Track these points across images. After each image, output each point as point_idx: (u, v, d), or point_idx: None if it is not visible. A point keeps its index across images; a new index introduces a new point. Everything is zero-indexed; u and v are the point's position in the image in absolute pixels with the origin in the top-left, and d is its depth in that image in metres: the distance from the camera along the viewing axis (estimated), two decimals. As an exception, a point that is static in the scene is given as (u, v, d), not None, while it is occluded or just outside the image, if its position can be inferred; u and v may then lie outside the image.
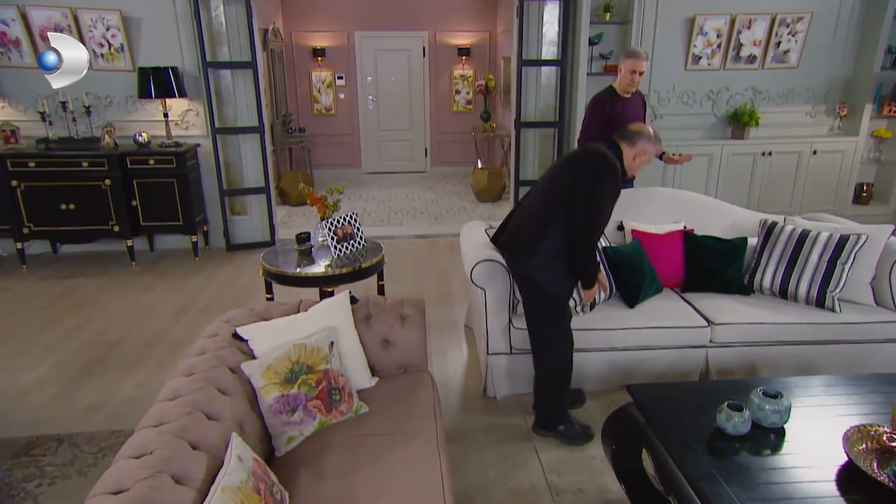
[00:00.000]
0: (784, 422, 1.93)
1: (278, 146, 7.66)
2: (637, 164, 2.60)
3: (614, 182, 2.47)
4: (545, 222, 2.53)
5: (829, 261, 3.07)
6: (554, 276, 2.55)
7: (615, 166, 2.48)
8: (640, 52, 3.74)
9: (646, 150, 2.57)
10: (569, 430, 2.71)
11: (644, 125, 2.68)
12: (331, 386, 2.11)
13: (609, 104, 3.81)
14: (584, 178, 2.45)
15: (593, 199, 2.43)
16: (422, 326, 2.53)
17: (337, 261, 3.00)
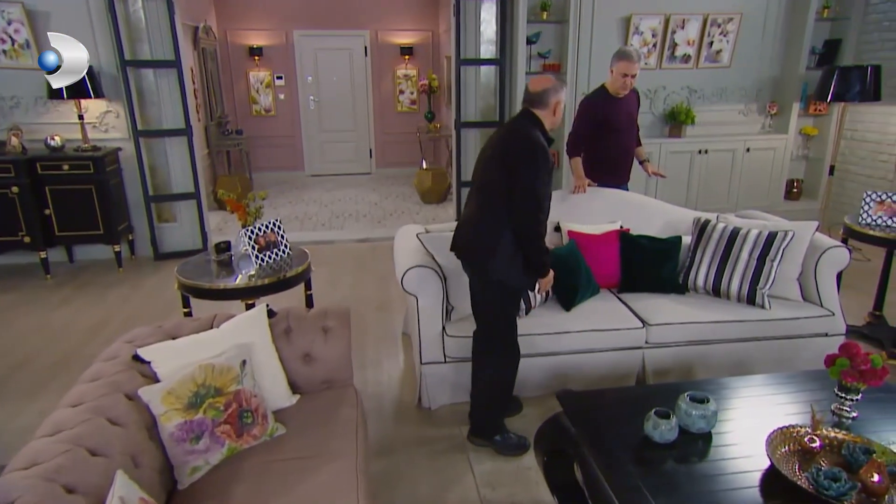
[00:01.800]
0: (711, 427, 1.89)
1: (214, 149, 7.34)
2: (558, 118, 2.45)
3: (545, 161, 2.34)
4: (495, 226, 2.41)
5: (759, 258, 3.10)
6: (519, 274, 2.46)
7: (542, 144, 2.34)
8: (631, 55, 3.50)
9: (560, 99, 2.40)
10: (505, 441, 2.63)
11: (544, 78, 2.44)
12: (242, 408, 1.95)
13: (601, 106, 3.64)
14: (517, 170, 2.33)
15: (531, 189, 2.33)
16: (346, 338, 2.40)
17: (259, 271, 2.83)
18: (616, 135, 3.72)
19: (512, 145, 2.39)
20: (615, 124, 3.68)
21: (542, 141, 2.35)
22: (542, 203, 2.37)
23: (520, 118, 2.46)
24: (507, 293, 2.53)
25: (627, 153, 3.87)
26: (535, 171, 2.31)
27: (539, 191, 2.33)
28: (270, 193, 8.01)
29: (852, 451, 1.70)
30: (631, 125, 3.80)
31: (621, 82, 3.55)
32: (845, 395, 1.97)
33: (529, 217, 2.36)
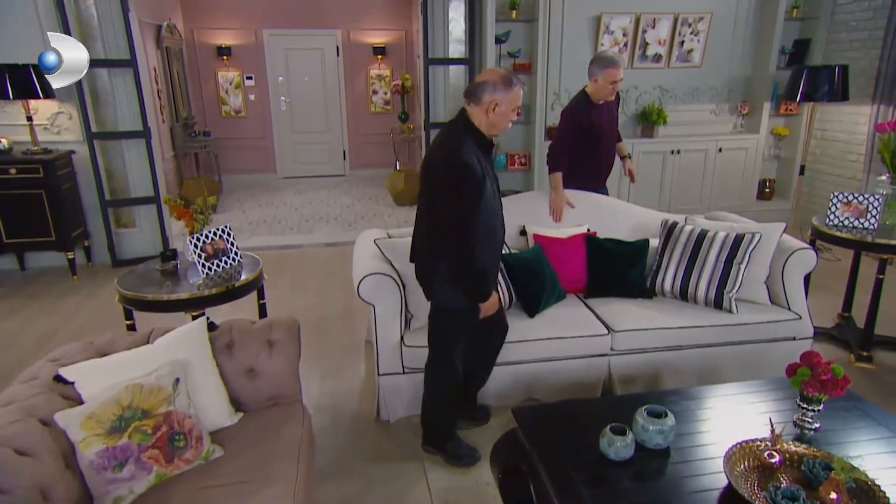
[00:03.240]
0: (669, 442, 1.81)
1: (180, 151, 7.15)
2: (495, 119, 2.11)
3: (472, 183, 2.06)
4: (431, 250, 2.27)
5: (726, 261, 3.04)
6: (459, 298, 2.30)
7: (465, 163, 2.04)
8: (617, 60, 3.37)
9: (497, 100, 2.06)
10: (454, 450, 2.54)
11: (493, 70, 2.16)
12: (173, 431, 1.82)
13: (586, 115, 3.48)
14: (439, 199, 2.13)
15: (455, 218, 2.11)
16: (294, 352, 2.27)
17: (206, 280, 2.69)
18: (600, 140, 3.61)
19: (433, 166, 2.17)
20: (599, 130, 3.56)
21: (465, 158, 2.04)
22: (473, 227, 2.11)
23: (453, 121, 2.23)
24: (448, 317, 2.37)
25: (610, 157, 3.78)
26: (457, 198, 2.07)
27: (465, 218, 2.10)
28: (241, 196, 7.84)
29: (812, 467, 1.63)
30: (613, 128, 3.73)
31: (609, 89, 3.42)
32: (807, 405, 1.90)
33: (458, 247, 2.13)
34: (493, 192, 2.21)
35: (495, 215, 2.26)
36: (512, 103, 2.11)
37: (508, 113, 2.13)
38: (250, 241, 5.83)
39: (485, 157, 2.18)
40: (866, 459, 1.77)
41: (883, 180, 3.39)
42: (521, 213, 3.43)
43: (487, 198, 2.15)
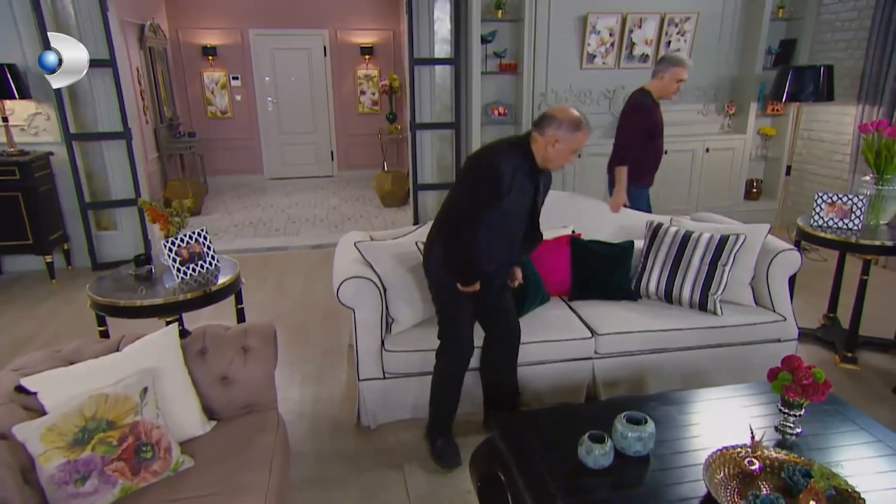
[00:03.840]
0: (648, 449, 1.77)
1: (164, 153, 7.06)
2: (552, 156, 2.19)
3: (491, 185, 2.17)
4: (438, 230, 2.44)
5: (710, 263, 3.01)
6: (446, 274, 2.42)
7: (495, 167, 2.17)
8: (685, 60, 3.54)
9: (558, 139, 2.14)
10: (441, 449, 2.53)
11: (571, 111, 2.20)
12: (140, 442, 1.77)
13: (654, 111, 3.64)
14: (459, 182, 2.39)
15: (461, 203, 2.30)
16: (269, 358, 2.22)
17: (181, 285, 2.63)
18: (660, 138, 3.76)
19: (470, 159, 2.39)
20: (660, 128, 3.73)
21: (498, 166, 2.17)
22: (475, 226, 2.24)
23: (516, 136, 2.37)
24: (441, 289, 2.49)
25: (660, 157, 3.93)
26: (473, 195, 2.23)
27: (472, 214, 2.24)
28: (227, 198, 7.76)
29: (792, 474, 1.60)
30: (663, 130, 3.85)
31: (675, 87, 3.58)
32: (788, 410, 1.87)
33: (452, 225, 2.33)
34: (514, 209, 2.30)
35: (506, 230, 2.36)
36: (572, 145, 2.20)
37: (567, 154, 2.22)
38: (235, 243, 5.76)
39: (527, 177, 2.28)
40: (848, 465, 1.74)
41: (867, 181, 3.38)
42: (505, 215, 3.39)
43: (505, 211, 2.25)
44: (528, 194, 2.32)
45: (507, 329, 2.63)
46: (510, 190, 2.20)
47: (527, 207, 2.37)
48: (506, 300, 2.64)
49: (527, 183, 2.29)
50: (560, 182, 5.55)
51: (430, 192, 5.57)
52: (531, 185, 2.33)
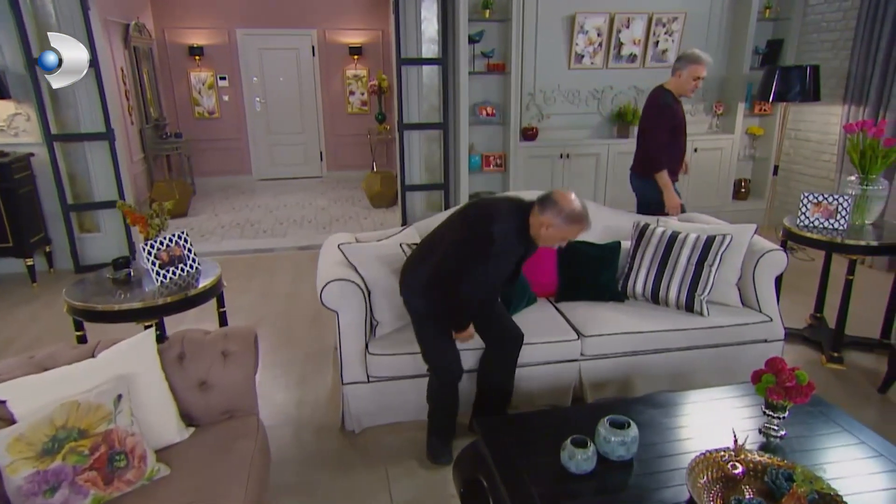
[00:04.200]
0: (632, 454, 1.75)
1: (150, 154, 6.98)
2: (544, 236, 2.25)
3: (483, 244, 2.21)
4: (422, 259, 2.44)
5: (697, 263, 3.00)
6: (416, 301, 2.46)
7: (493, 229, 2.21)
8: (702, 58, 3.53)
9: (552, 224, 2.19)
10: (434, 446, 2.55)
11: (575, 203, 2.22)
12: (113, 451, 1.73)
13: (676, 109, 3.65)
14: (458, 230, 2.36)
15: (456, 256, 2.28)
16: (250, 363, 2.18)
17: (161, 289, 2.59)
18: (683, 135, 3.77)
19: (469, 210, 2.42)
20: (683, 125, 3.73)
21: (496, 229, 2.21)
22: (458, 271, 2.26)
23: (521, 203, 2.33)
24: (423, 324, 2.50)
25: (683, 152, 3.93)
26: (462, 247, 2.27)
27: (457, 268, 2.26)
28: (214, 199, 7.69)
29: (775, 478, 1.58)
30: (685, 126, 3.85)
31: (692, 85, 3.57)
32: (772, 412, 1.86)
33: (440, 280, 2.31)
34: (501, 267, 2.35)
35: (488, 287, 2.41)
36: (564, 235, 2.25)
37: (557, 239, 2.27)
38: (222, 244, 5.71)
39: (519, 242, 2.31)
40: (831, 468, 1.73)
41: (852, 181, 3.38)
42: (491, 216, 3.37)
43: (493, 268, 2.31)
44: (515, 257, 2.37)
45: (509, 335, 2.61)
46: (500, 254, 2.27)
47: (512, 266, 2.43)
48: (497, 308, 2.65)
49: (518, 247, 2.33)
50: (549, 181, 5.54)
51: (419, 193, 5.54)
52: (522, 249, 2.36)
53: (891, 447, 1.81)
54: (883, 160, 3.22)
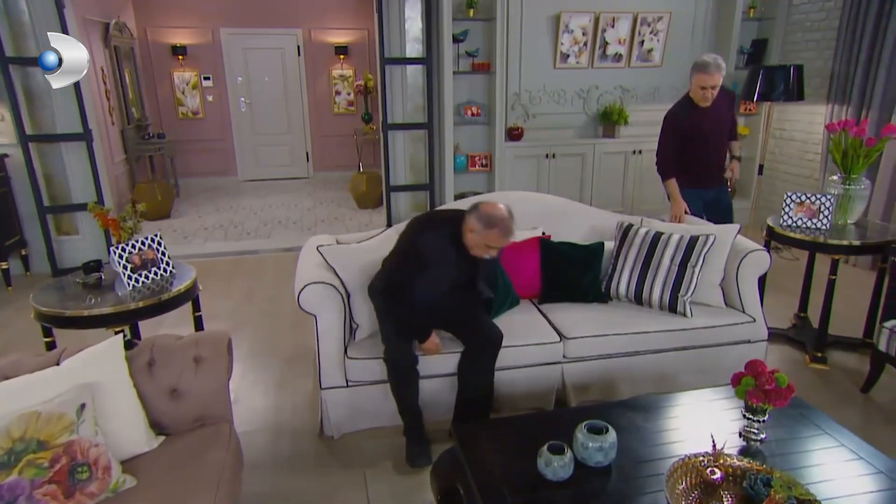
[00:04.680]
0: (610, 460, 1.72)
1: (132, 155, 6.88)
2: (469, 241, 2.34)
3: (411, 255, 2.38)
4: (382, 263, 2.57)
5: (680, 264, 2.98)
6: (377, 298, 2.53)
7: (419, 239, 2.40)
8: (708, 65, 3.36)
9: (473, 229, 2.30)
10: (409, 448, 2.52)
11: (498, 209, 2.30)
12: (75, 462, 1.67)
13: (685, 118, 3.55)
14: (397, 240, 2.52)
15: (390, 261, 2.47)
16: (222, 368, 2.13)
17: (133, 293, 2.52)
18: (704, 143, 3.62)
19: (409, 223, 2.56)
20: (701, 132, 3.57)
21: (423, 238, 2.39)
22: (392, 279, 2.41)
23: (452, 212, 2.49)
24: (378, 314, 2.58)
25: (719, 156, 3.76)
26: (396, 257, 2.45)
27: (390, 276, 2.42)
28: (198, 200, 7.60)
29: (753, 483, 1.55)
30: (721, 129, 3.66)
31: (701, 94, 3.46)
32: (752, 416, 1.83)
33: (379, 289, 2.45)
34: (436, 277, 2.42)
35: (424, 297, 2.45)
36: (485, 240, 2.31)
37: (481, 245, 2.33)
38: (205, 247, 5.63)
39: (455, 252, 2.39)
40: (811, 471, 1.71)
41: (835, 180, 3.37)
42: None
43: (430, 276, 2.40)
44: (452, 268, 2.42)
45: (487, 336, 2.58)
46: (429, 263, 2.37)
47: (453, 278, 2.48)
48: (475, 310, 2.65)
49: (452, 256, 2.40)
50: (534, 181, 5.51)
51: (403, 194, 5.49)
52: (453, 254, 2.41)
53: (871, 450, 1.79)
54: (865, 159, 3.21)
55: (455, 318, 2.61)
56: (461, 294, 2.60)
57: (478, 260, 2.45)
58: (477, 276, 2.58)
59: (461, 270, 2.51)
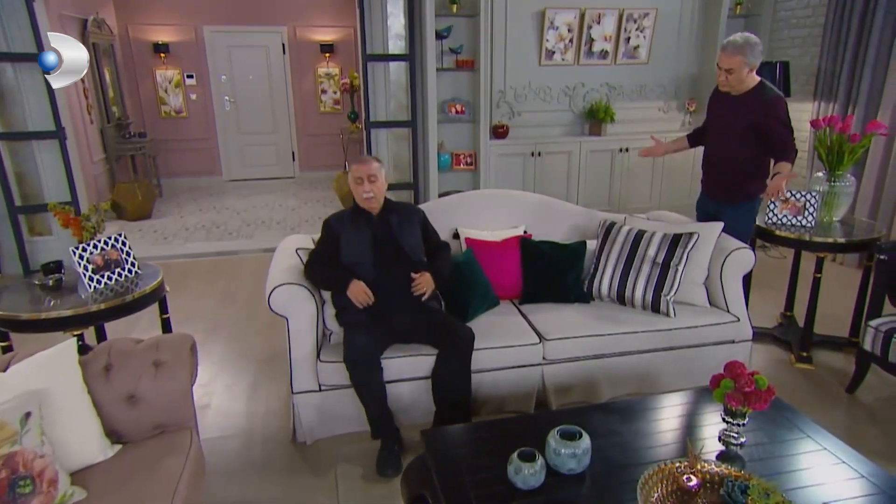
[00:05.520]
0: (584, 467, 1.64)
1: (113, 154, 6.75)
2: (354, 193, 2.61)
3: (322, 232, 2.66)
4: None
5: (663, 262, 2.92)
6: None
7: (328, 218, 2.68)
8: (726, 44, 2.96)
9: (349, 181, 2.64)
10: (378, 455, 2.44)
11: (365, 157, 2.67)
12: (16, 475, 1.57)
13: (711, 99, 3.32)
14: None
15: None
16: (184, 373, 2.04)
17: (94, 295, 2.43)
18: (711, 138, 3.30)
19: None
20: (714, 124, 3.28)
21: (329, 218, 2.68)
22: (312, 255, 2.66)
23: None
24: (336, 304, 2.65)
25: (720, 162, 3.24)
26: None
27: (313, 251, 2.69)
28: (181, 200, 7.48)
29: (731, 490, 1.48)
30: (733, 134, 3.09)
31: (718, 74, 3.06)
32: (731, 419, 1.76)
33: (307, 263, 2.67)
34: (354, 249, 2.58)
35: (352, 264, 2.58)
36: (353, 180, 2.60)
37: (354, 186, 2.59)
38: (185, 247, 5.53)
39: (364, 223, 2.62)
40: (791, 476, 1.64)
41: (820, 177, 3.32)
42: (453, 215, 3.26)
43: (345, 250, 2.59)
44: (366, 236, 2.58)
45: (457, 336, 2.52)
46: (339, 234, 2.60)
47: (370, 244, 2.59)
48: (443, 318, 2.64)
49: (362, 227, 2.61)
50: (520, 179, 5.44)
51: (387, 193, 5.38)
52: (369, 228, 2.60)
53: (854, 454, 1.73)
54: (850, 156, 3.16)
55: (422, 323, 2.57)
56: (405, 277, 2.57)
57: (390, 224, 2.62)
58: (401, 243, 2.63)
59: (378, 238, 2.61)
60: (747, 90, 3.04)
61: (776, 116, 2.97)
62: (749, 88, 3.04)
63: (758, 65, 2.99)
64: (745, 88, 3.04)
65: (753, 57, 2.93)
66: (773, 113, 2.97)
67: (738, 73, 2.95)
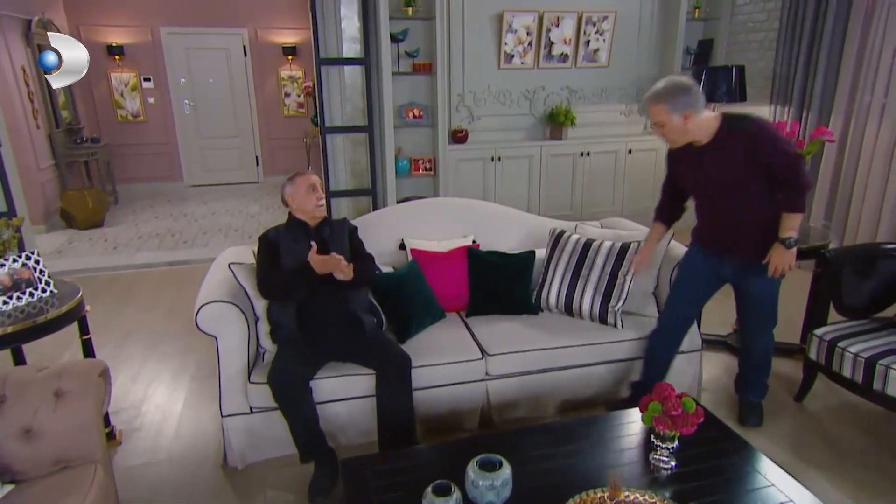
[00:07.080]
0: (503, 498, 1.56)
1: (63, 160, 6.51)
2: (296, 206, 2.55)
3: (259, 248, 2.56)
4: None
5: (611, 272, 2.85)
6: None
7: (261, 235, 2.57)
8: (648, 94, 2.36)
9: (290, 195, 2.54)
10: (313, 477, 2.31)
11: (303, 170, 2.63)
12: None
13: (676, 154, 2.57)
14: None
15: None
16: (90, 402, 1.91)
17: (1, 318, 2.27)
18: (704, 198, 2.58)
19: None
20: (682, 179, 2.62)
21: (265, 233, 2.57)
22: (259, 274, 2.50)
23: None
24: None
25: (727, 220, 2.50)
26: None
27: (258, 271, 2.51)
28: (138, 207, 7.26)
29: (652, 525, 1.41)
30: (729, 185, 2.39)
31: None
32: (661, 443, 1.69)
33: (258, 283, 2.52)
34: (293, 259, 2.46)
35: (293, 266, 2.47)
36: (299, 190, 2.52)
37: (305, 195, 2.51)
38: (135, 257, 5.34)
39: (301, 236, 2.52)
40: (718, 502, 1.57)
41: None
42: (400, 226, 3.17)
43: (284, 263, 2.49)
44: (305, 248, 2.44)
45: (391, 362, 2.43)
46: (279, 246, 2.51)
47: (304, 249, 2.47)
48: (378, 339, 2.54)
49: (300, 238, 2.51)
50: (480, 185, 5.36)
51: (345, 199, 5.28)
52: (306, 239, 2.49)
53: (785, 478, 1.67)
54: (798, 162, 3.12)
55: (359, 343, 2.47)
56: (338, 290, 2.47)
57: (324, 237, 2.54)
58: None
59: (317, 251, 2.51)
60: (712, 136, 2.35)
61: (762, 150, 2.28)
62: (713, 133, 2.34)
63: (698, 107, 2.31)
64: (708, 135, 2.34)
65: (680, 102, 2.27)
66: (759, 147, 2.28)
67: (670, 123, 2.30)
